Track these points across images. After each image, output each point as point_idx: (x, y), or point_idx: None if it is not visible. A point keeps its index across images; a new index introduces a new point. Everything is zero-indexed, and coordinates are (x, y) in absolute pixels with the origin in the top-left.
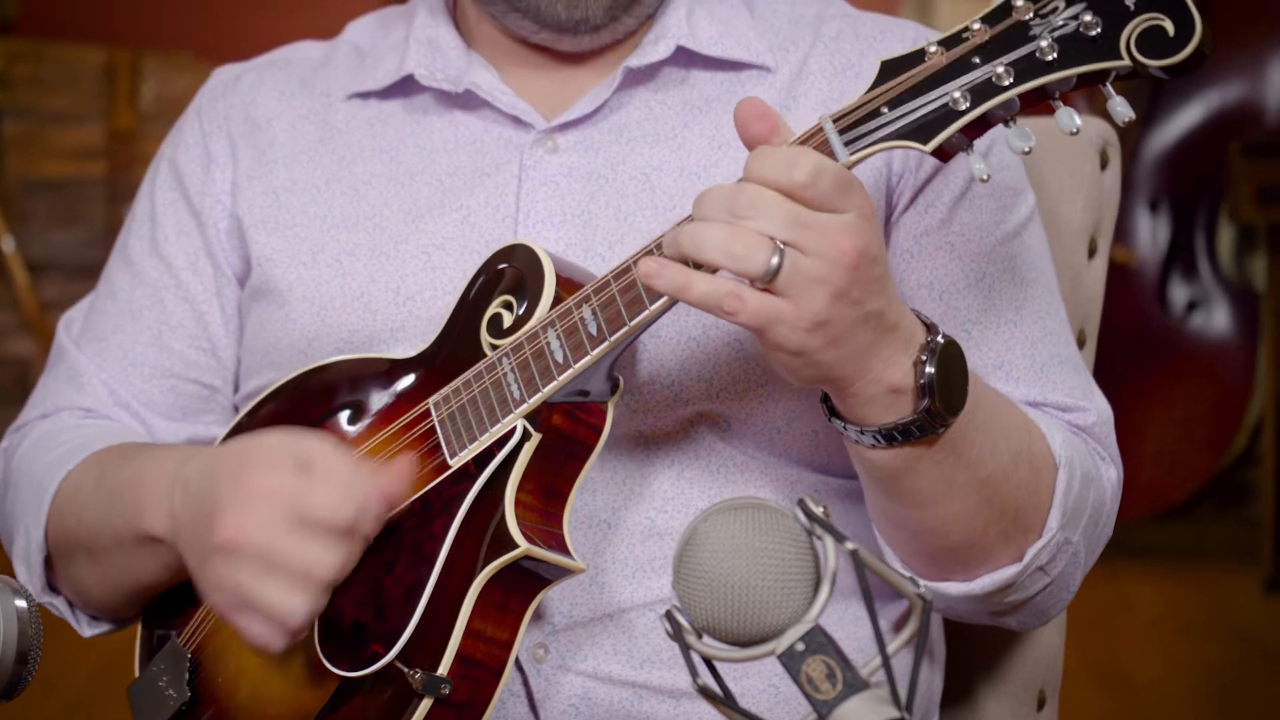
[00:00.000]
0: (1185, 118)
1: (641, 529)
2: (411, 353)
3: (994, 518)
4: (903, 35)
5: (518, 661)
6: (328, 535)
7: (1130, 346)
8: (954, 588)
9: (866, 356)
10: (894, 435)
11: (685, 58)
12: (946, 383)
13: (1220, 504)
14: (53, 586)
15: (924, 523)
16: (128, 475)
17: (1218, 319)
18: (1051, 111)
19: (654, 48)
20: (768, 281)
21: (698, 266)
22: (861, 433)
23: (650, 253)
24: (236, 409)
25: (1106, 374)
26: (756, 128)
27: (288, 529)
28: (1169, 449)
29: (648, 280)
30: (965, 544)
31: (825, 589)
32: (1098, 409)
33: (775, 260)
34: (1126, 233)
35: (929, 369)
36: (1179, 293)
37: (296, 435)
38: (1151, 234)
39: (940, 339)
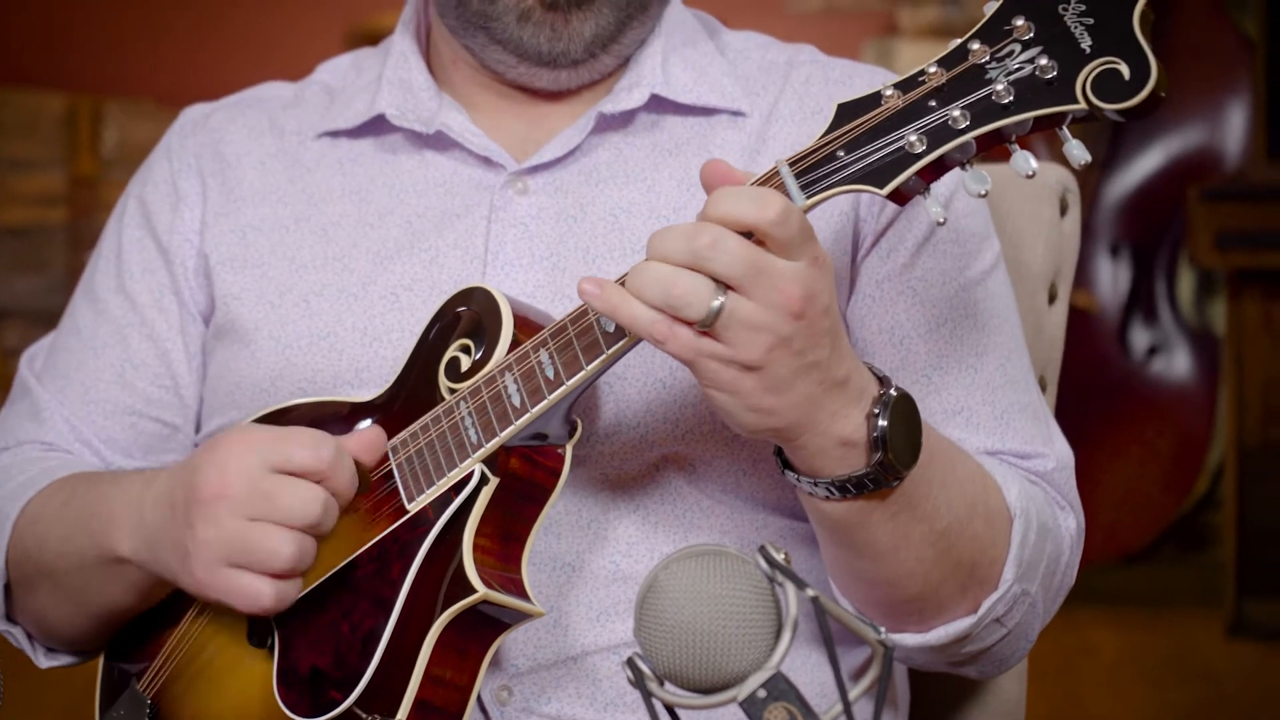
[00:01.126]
0: (1145, 163)
1: (606, 573)
2: (370, 396)
3: (949, 570)
4: (871, 80)
5: (481, 704)
6: (309, 477)
7: (1092, 391)
8: (910, 639)
9: (811, 408)
10: (847, 488)
11: (658, 104)
12: (900, 436)
13: (1182, 548)
14: (10, 616)
15: (879, 574)
16: (96, 496)
17: (1179, 363)
18: (1003, 150)
19: (628, 95)
20: (706, 327)
21: None
22: (815, 485)
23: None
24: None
25: (1068, 418)
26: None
27: (269, 473)
28: (1131, 493)
29: (585, 299)
30: (920, 596)
31: (787, 636)
32: (1058, 455)
33: (715, 305)
34: (1087, 278)
35: (882, 422)
36: (1140, 337)
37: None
38: (1112, 279)
39: (893, 392)
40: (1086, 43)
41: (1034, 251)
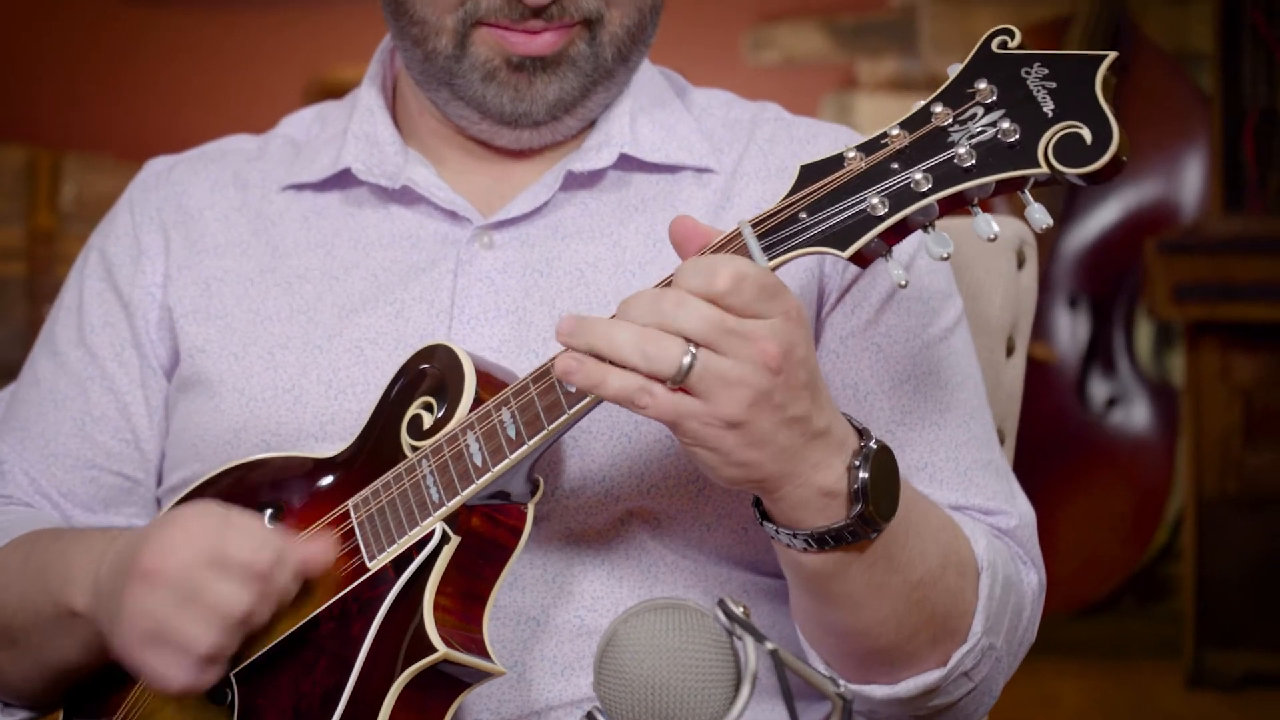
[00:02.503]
0: (1103, 216)
1: (570, 628)
2: (332, 452)
3: (922, 621)
4: (835, 139)
5: None
6: (244, 576)
7: (1051, 443)
8: (879, 690)
9: (793, 460)
10: (826, 539)
11: (626, 162)
12: (880, 488)
13: (1141, 599)
14: None
15: (853, 625)
16: (56, 552)
17: (1137, 415)
18: (965, 211)
19: (597, 154)
20: (680, 382)
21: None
22: (793, 536)
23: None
24: (159, 502)
25: (1027, 470)
26: (689, 248)
27: (206, 564)
28: (1090, 544)
29: (565, 377)
30: (892, 647)
31: (746, 689)
32: (1020, 512)
33: (686, 360)
34: (1046, 330)
35: (863, 474)
36: (1099, 389)
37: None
38: (1071, 331)
39: (873, 444)
40: (1049, 106)
41: (992, 304)
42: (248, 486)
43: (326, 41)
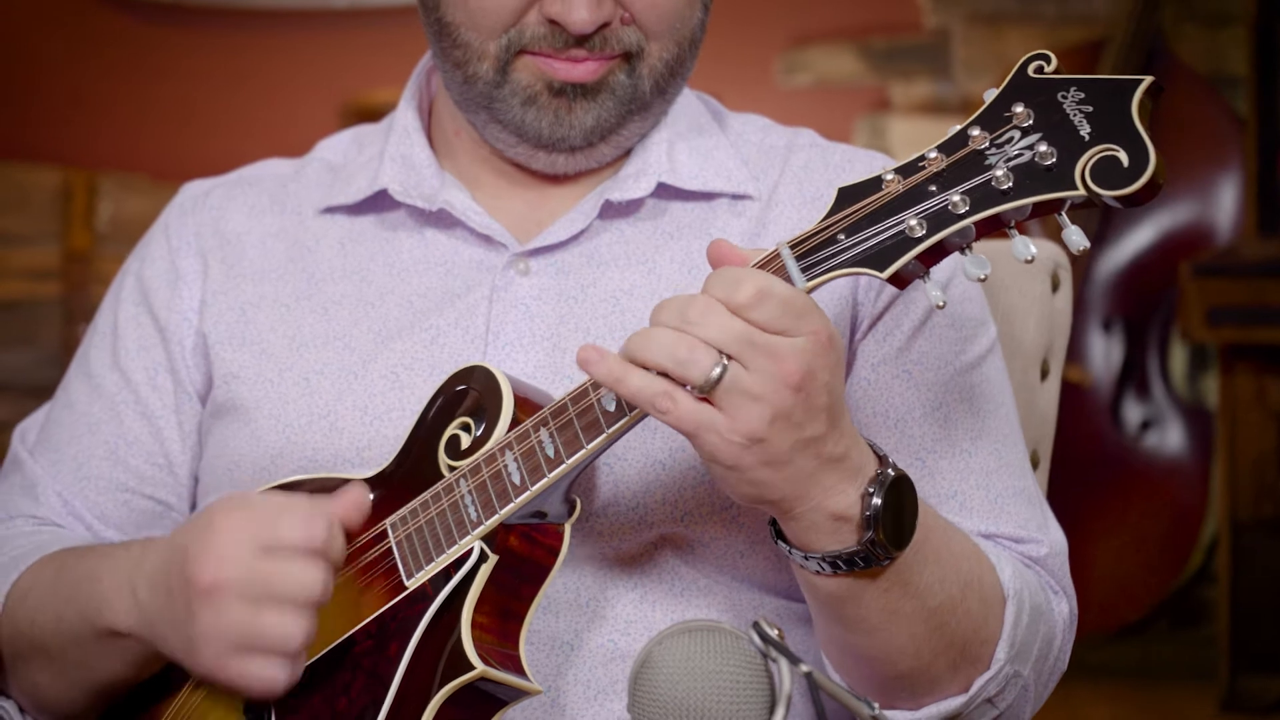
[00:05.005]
0: (1137, 239)
1: (603, 651)
2: (370, 473)
3: (942, 647)
4: (870, 165)
5: None
6: (306, 555)
7: (1085, 466)
8: (901, 715)
9: (806, 482)
10: (838, 564)
11: (663, 190)
12: (894, 516)
13: (1175, 623)
14: (3, 691)
15: (871, 649)
16: (85, 570)
17: (1172, 438)
18: (1002, 234)
19: (635, 183)
20: (706, 391)
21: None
22: (806, 558)
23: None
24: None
25: (1061, 493)
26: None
27: (263, 557)
28: (1123, 568)
29: (585, 367)
30: (912, 672)
31: (780, 711)
32: (1051, 541)
33: (716, 371)
34: (1080, 352)
35: (875, 501)
36: (1133, 412)
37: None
38: (1105, 354)
39: (891, 472)
40: (1085, 130)
41: (1026, 327)
42: None
43: (361, 64)
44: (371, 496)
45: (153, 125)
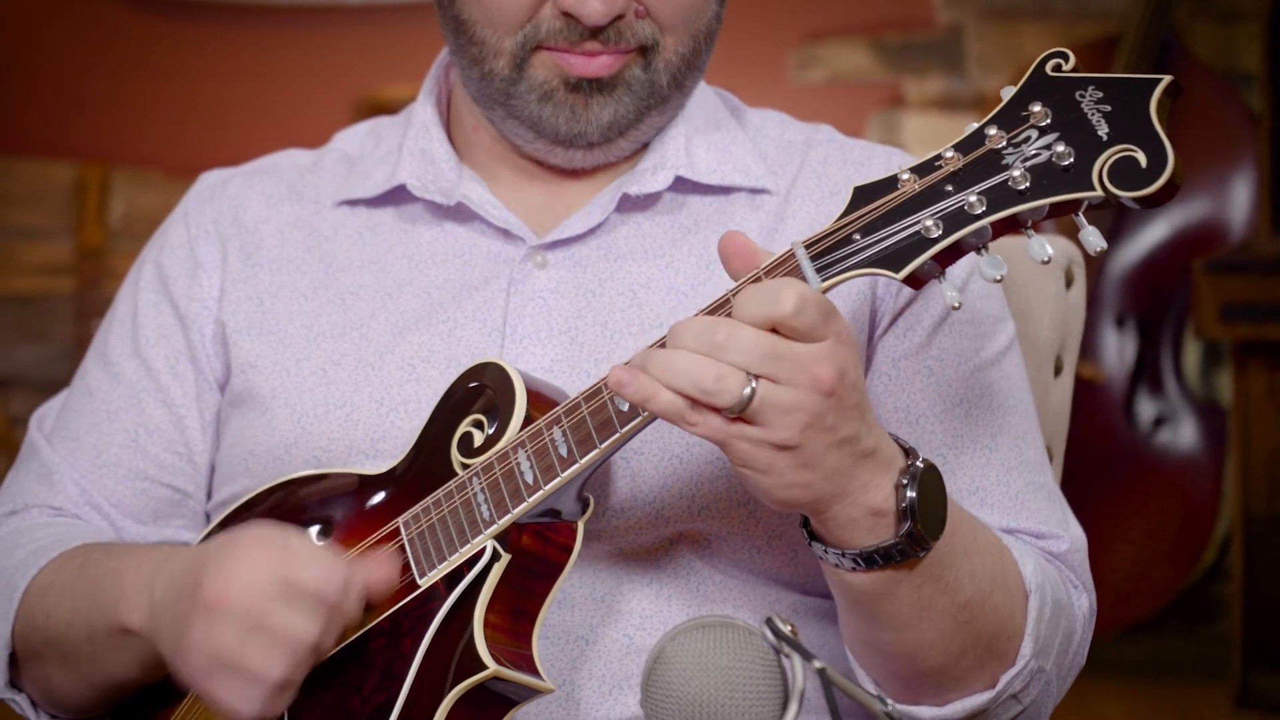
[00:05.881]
0: (1151, 235)
1: (619, 646)
2: (383, 469)
3: (970, 642)
4: (889, 162)
5: None
6: (313, 605)
7: (1098, 462)
8: (926, 712)
9: (844, 480)
10: (874, 559)
11: (681, 184)
12: (927, 506)
13: (1188, 620)
14: (15, 684)
15: (900, 646)
16: (109, 568)
17: (1185, 435)
18: (1018, 233)
19: (652, 177)
20: (737, 413)
21: None
22: (841, 556)
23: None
24: (208, 516)
25: (1074, 489)
26: (738, 264)
27: (274, 593)
28: (1137, 564)
29: (617, 390)
30: (940, 668)
31: (793, 707)
32: (1071, 537)
33: (746, 393)
34: (1093, 349)
35: (910, 493)
36: (1146, 409)
37: (282, 527)
38: (1118, 350)
39: (920, 464)
40: (1103, 130)
41: (1040, 324)
42: (296, 503)
43: (375, 60)
44: (395, 560)
45: (166, 121)
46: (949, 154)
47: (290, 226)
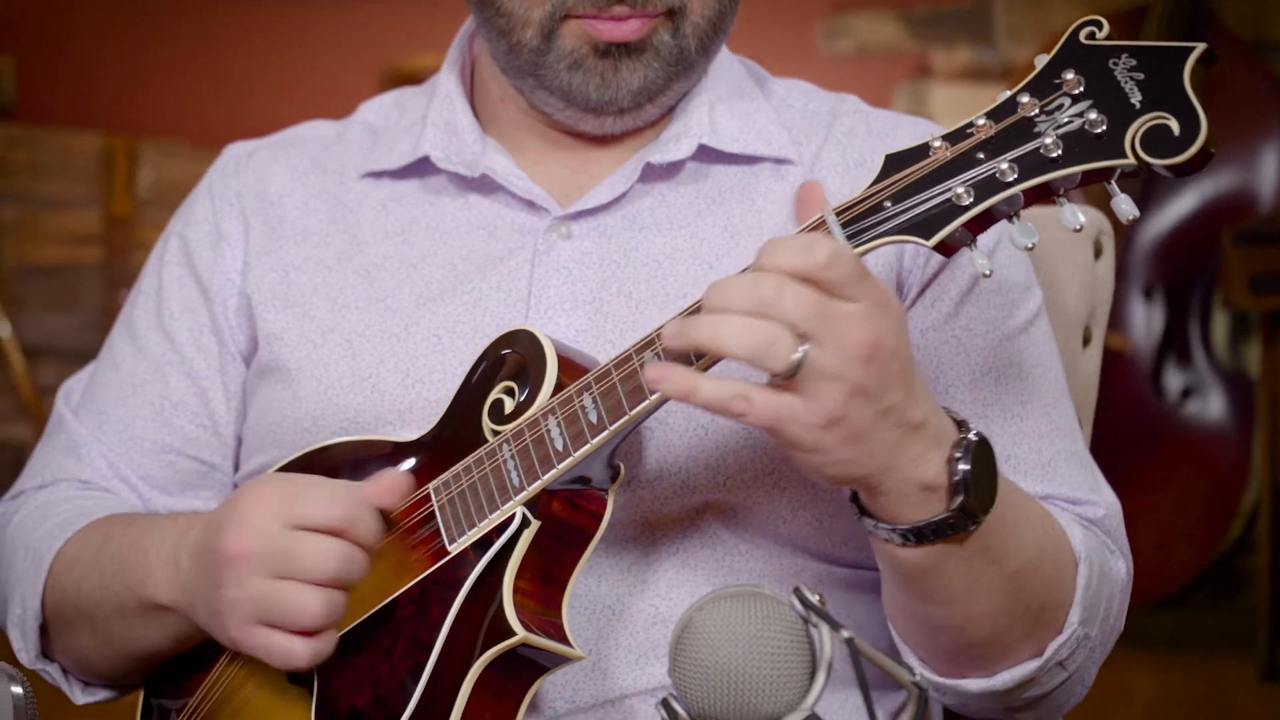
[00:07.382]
0: (1179, 206)
1: (646, 616)
2: (413, 436)
3: (1019, 614)
4: (915, 131)
5: None
6: (326, 533)
7: (1125, 433)
8: (974, 684)
9: (892, 454)
10: (925, 533)
11: (704, 153)
12: (980, 480)
13: (1215, 592)
14: (46, 654)
15: (949, 619)
16: (130, 543)
17: (1213, 406)
18: (1050, 202)
19: (675, 145)
20: (788, 378)
21: (699, 356)
22: (892, 530)
23: (651, 344)
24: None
25: (1102, 461)
26: (804, 209)
27: (285, 531)
28: (1164, 536)
29: (654, 386)
30: (988, 640)
31: (821, 677)
32: (1106, 503)
33: (798, 355)
34: (1121, 320)
35: (963, 466)
36: (1174, 380)
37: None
38: (1146, 321)
39: (973, 436)
40: (1136, 98)
41: (1068, 294)
42: (328, 467)
43: (401, 30)
44: (411, 474)
45: (193, 91)
46: (981, 121)
47: (314, 198)
